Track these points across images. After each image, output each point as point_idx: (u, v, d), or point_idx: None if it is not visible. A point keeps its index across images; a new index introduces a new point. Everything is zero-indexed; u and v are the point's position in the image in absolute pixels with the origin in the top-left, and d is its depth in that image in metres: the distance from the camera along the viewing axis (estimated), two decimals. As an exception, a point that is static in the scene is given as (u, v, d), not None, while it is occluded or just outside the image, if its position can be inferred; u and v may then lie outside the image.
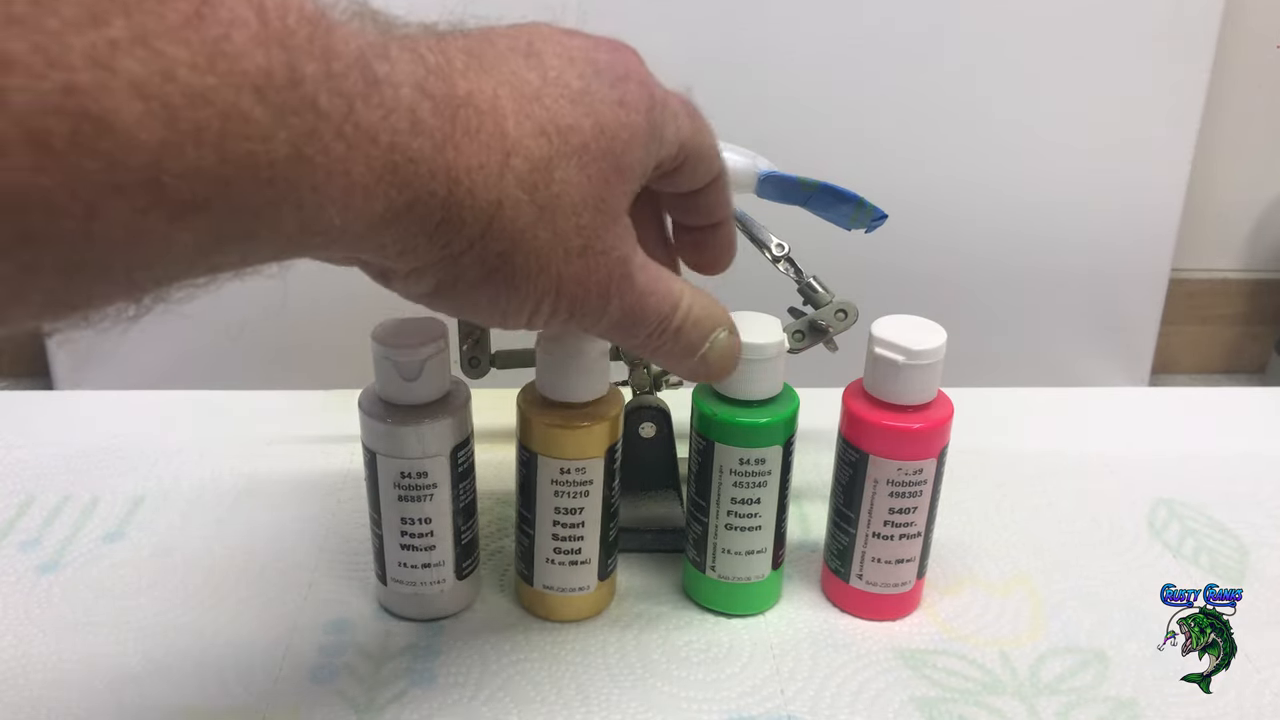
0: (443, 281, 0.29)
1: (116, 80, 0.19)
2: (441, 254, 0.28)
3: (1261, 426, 0.63)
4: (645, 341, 0.34)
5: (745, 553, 0.44)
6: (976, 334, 1.05)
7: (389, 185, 0.24)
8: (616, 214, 0.30)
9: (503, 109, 0.27)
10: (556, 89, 0.29)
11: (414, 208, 0.26)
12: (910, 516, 0.43)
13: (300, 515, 0.52)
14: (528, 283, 0.29)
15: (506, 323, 0.31)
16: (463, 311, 0.31)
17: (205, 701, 0.41)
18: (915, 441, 0.42)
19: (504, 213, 0.27)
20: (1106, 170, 1.02)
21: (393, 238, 0.26)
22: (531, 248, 0.28)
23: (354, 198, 0.24)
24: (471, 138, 0.26)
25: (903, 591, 0.45)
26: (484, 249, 0.28)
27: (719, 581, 0.45)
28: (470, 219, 0.27)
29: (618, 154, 0.29)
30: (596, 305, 0.31)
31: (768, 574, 0.45)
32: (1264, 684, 0.43)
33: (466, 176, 0.26)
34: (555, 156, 0.28)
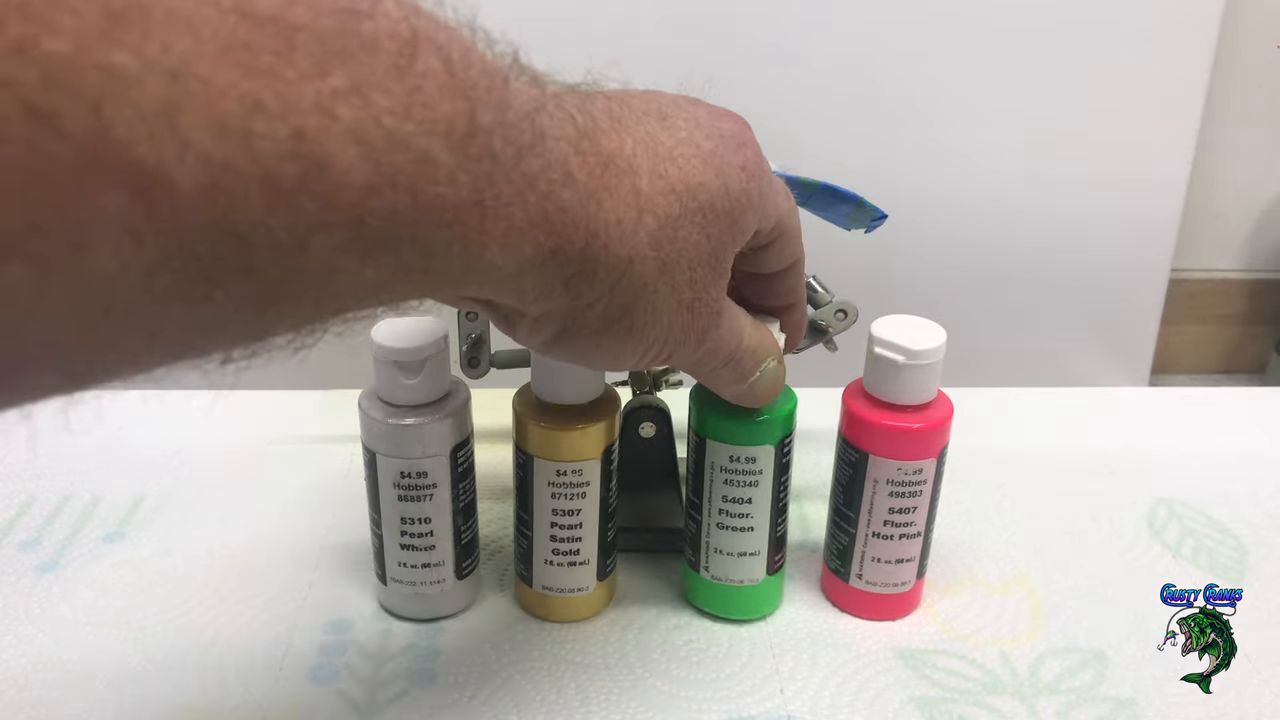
0: (566, 329, 0.30)
1: (336, 126, 0.20)
2: (572, 304, 0.29)
3: (1261, 426, 0.63)
4: (711, 371, 0.36)
5: (738, 554, 0.44)
6: (976, 334, 1.05)
7: (540, 232, 0.26)
8: (724, 271, 0.32)
9: (639, 167, 0.29)
10: (688, 149, 0.30)
11: (556, 255, 0.27)
12: (910, 516, 0.43)
13: (300, 515, 0.52)
14: (644, 333, 0.31)
15: (616, 366, 0.33)
16: (578, 357, 0.32)
17: (205, 701, 0.41)
18: (915, 441, 0.42)
19: (634, 268, 0.29)
20: (1106, 170, 1.02)
21: (533, 283, 0.27)
22: (651, 301, 0.30)
23: (511, 240, 0.25)
24: (611, 194, 0.28)
25: (903, 591, 0.45)
26: (610, 301, 0.29)
27: (713, 583, 0.45)
28: (604, 273, 0.28)
29: (735, 216, 0.31)
30: (692, 349, 0.33)
31: (762, 578, 0.45)
32: (1264, 684, 0.43)
33: (604, 231, 0.28)
34: (682, 214, 0.30)
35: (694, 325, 0.32)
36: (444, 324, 0.42)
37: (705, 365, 0.35)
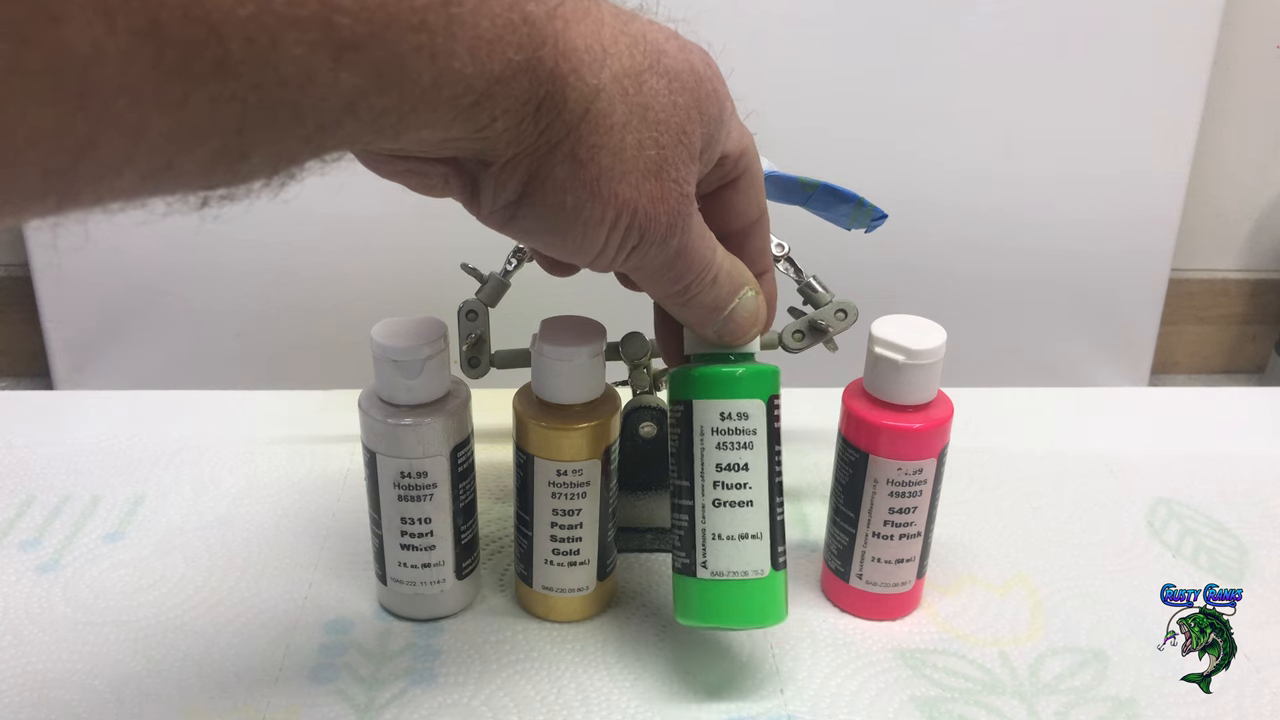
0: (533, 178, 0.29)
1: None
2: (539, 140, 0.28)
3: (1261, 426, 0.63)
4: (685, 288, 0.35)
5: (739, 537, 0.39)
6: (976, 334, 1.05)
7: (507, 44, 0.26)
8: (692, 152, 0.31)
9: (602, 16, 0.29)
10: (653, 27, 0.30)
11: (525, 71, 0.26)
12: (910, 516, 0.43)
13: (300, 515, 0.52)
14: (612, 188, 0.30)
15: (584, 241, 0.31)
16: (542, 226, 0.31)
17: (205, 701, 0.41)
18: (915, 441, 0.42)
19: (600, 104, 0.28)
20: (1106, 170, 1.02)
21: (504, 107, 0.27)
22: (619, 148, 0.29)
23: (479, 51, 0.25)
24: (579, 19, 0.28)
25: (903, 591, 0.45)
26: (578, 140, 0.28)
27: (713, 582, 0.39)
28: (572, 100, 0.28)
29: (701, 97, 0.31)
30: (663, 234, 0.32)
31: (768, 571, 0.39)
32: (1264, 684, 0.43)
33: (572, 55, 0.27)
34: (647, 70, 0.29)
35: (664, 199, 0.31)
36: (444, 324, 0.42)
37: (679, 275, 0.34)
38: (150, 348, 1.00)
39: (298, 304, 0.95)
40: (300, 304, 0.95)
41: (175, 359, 1.00)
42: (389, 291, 0.86)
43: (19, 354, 1.18)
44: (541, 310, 0.44)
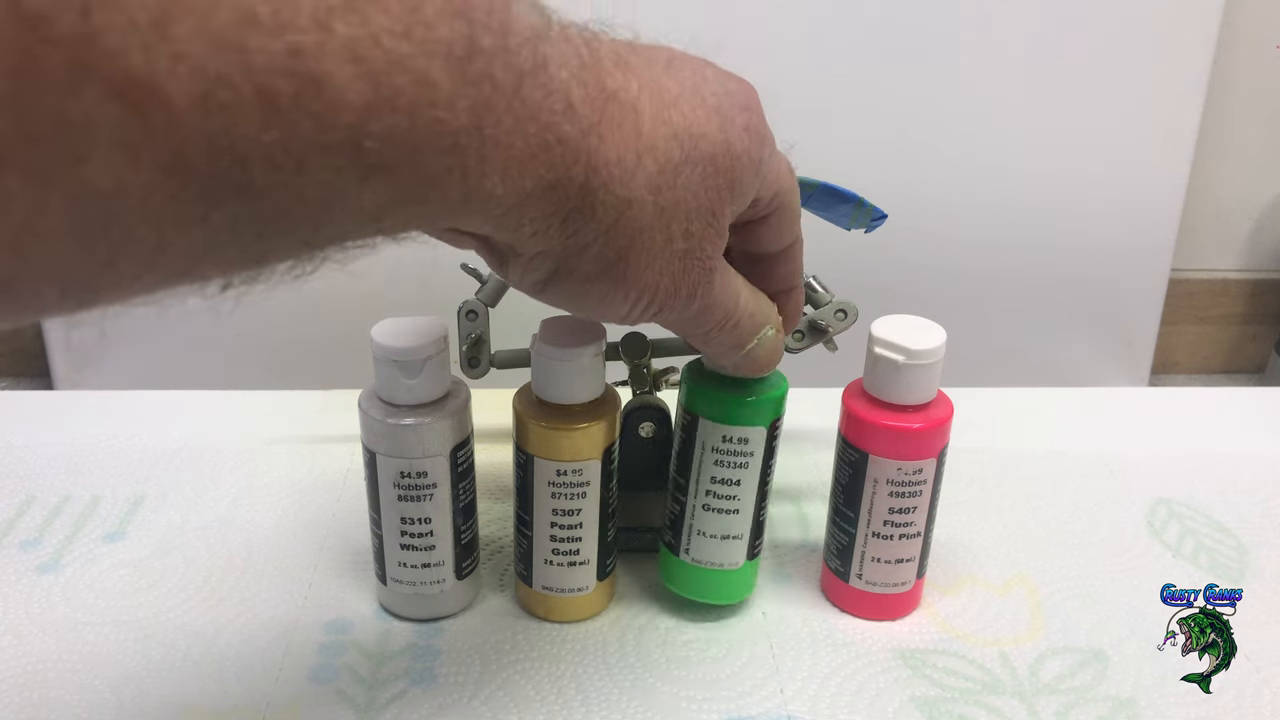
0: (559, 270, 0.30)
1: (333, 43, 0.20)
2: (567, 243, 0.28)
3: (1261, 426, 0.63)
4: (706, 334, 0.35)
5: (721, 537, 0.43)
6: (976, 334, 1.05)
7: (540, 163, 0.26)
8: (721, 229, 0.32)
9: (642, 109, 0.28)
10: (693, 100, 0.30)
11: (555, 189, 0.26)
12: (910, 516, 0.43)
13: (300, 515, 0.52)
14: (636, 280, 0.30)
15: (606, 315, 0.32)
16: (567, 302, 0.32)
17: (205, 701, 0.41)
18: (915, 441, 0.42)
19: (631, 210, 0.28)
20: (1106, 170, 1.02)
21: (531, 217, 0.27)
22: (645, 248, 0.30)
23: (511, 170, 0.25)
24: (613, 131, 0.27)
25: (902, 591, 0.45)
26: (606, 244, 0.29)
27: (692, 566, 0.44)
28: (602, 212, 0.28)
29: (736, 174, 0.31)
30: (683, 303, 0.32)
31: (742, 563, 0.44)
32: (1264, 684, 0.43)
33: (605, 169, 0.27)
34: (683, 162, 0.29)
35: (686, 278, 0.31)
36: (444, 324, 0.42)
37: (699, 325, 0.35)
38: (150, 348, 1.00)
39: (298, 304, 0.95)
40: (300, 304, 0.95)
41: (175, 359, 1.00)
42: (389, 291, 0.86)
43: (19, 354, 1.18)
44: (541, 310, 0.43)
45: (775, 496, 0.55)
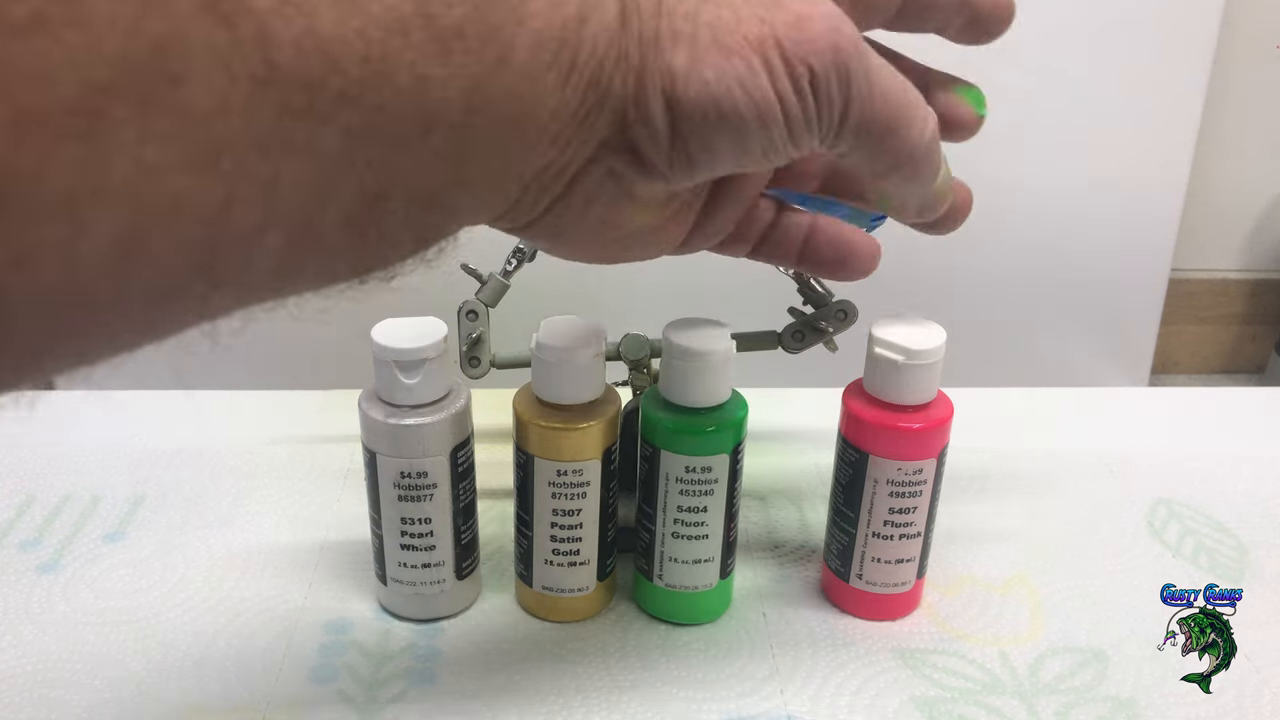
0: (667, 90, 0.25)
1: None
2: (641, 45, 0.25)
3: (1261, 426, 0.63)
4: (912, 149, 0.28)
5: (692, 561, 0.44)
6: (976, 334, 1.05)
7: None
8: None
9: None
10: None
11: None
12: (910, 517, 0.43)
13: (300, 515, 0.52)
14: (732, 38, 0.25)
15: (762, 113, 0.26)
16: (714, 131, 0.26)
17: (205, 701, 0.41)
18: (915, 442, 0.42)
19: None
20: (1106, 170, 1.02)
21: (590, 34, 0.24)
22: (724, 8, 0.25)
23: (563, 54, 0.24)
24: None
25: (903, 591, 0.45)
26: (670, 14, 0.25)
27: (666, 590, 0.45)
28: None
29: None
30: (832, 63, 0.25)
31: (715, 584, 0.44)
32: (1264, 684, 0.43)
33: None
34: None
35: (798, 16, 0.25)
36: (444, 324, 0.42)
37: (899, 131, 0.28)
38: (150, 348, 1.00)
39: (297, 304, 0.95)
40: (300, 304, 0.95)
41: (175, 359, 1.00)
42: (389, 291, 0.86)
43: (19, 354, 1.18)
44: (541, 310, 0.44)
45: (775, 496, 0.55)
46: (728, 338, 0.41)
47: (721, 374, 0.41)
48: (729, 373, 0.42)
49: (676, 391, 0.41)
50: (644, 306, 0.40)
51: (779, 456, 0.57)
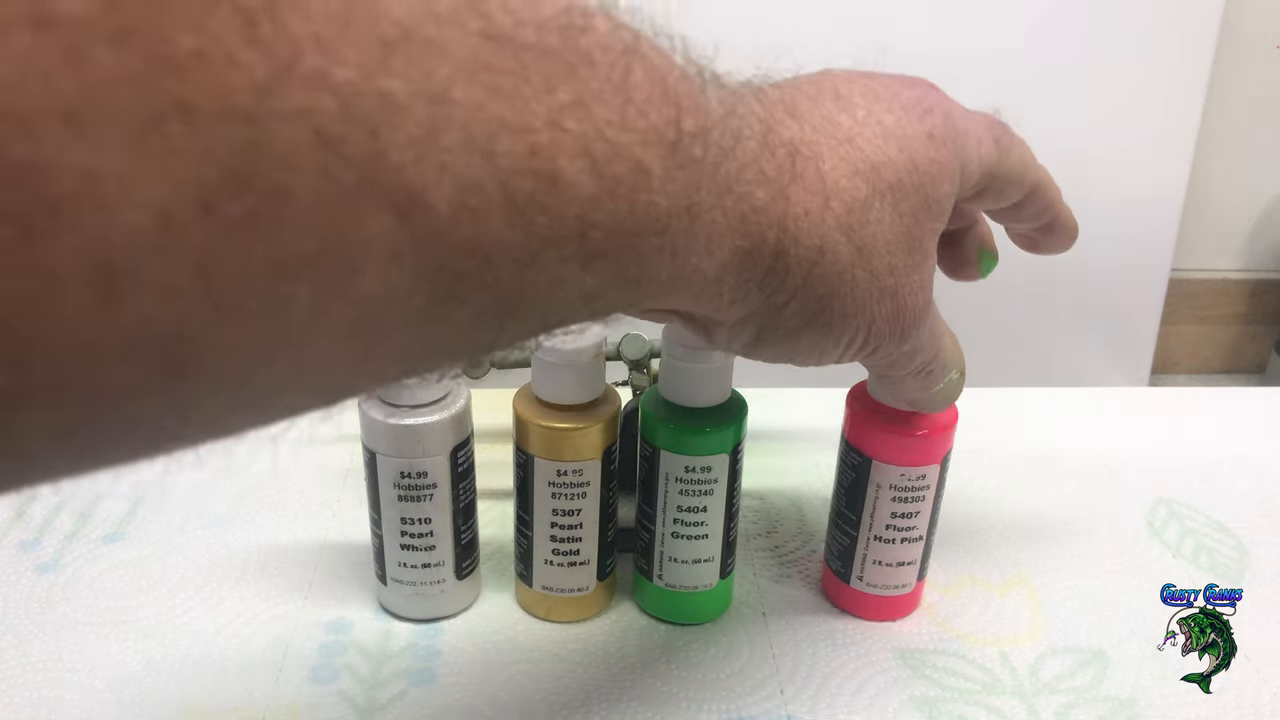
0: (764, 329, 0.30)
1: (565, 140, 0.20)
2: (766, 303, 0.28)
3: (1261, 426, 0.63)
4: (901, 375, 0.35)
5: (692, 561, 0.44)
6: (976, 334, 1.05)
7: (737, 234, 0.26)
8: (926, 253, 0.31)
9: (820, 153, 0.28)
10: (868, 128, 0.29)
11: (751, 255, 0.27)
12: (912, 521, 0.43)
13: (300, 515, 0.52)
14: (845, 324, 0.30)
15: (821, 361, 0.31)
16: (781, 356, 0.31)
17: (205, 701, 0.41)
18: (919, 448, 0.42)
19: (825, 258, 0.28)
20: (1106, 170, 1.02)
21: (729, 286, 0.27)
22: (849, 290, 0.29)
23: (713, 244, 0.25)
24: (798, 184, 0.27)
25: (903, 593, 0.45)
26: (806, 296, 0.28)
27: (666, 590, 0.45)
28: (795, 266, 0.28)
29: (927, 190, 0.30)
30: (896, 342, 0.32)
31: (715, 583, 0.45)
32: (1264, 684, 0.43)
33: (794, 224, 0.27)
34: (871, 196, 0.29)
35: (900, 318, 0.31)
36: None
37: (901, 367, 0.34)
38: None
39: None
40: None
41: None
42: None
43: (19, 354, 1.18)
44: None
45: (775, 496, 0.55)
46: None
47: (721, 374, 0.41)
48: (729, 373, 0.42)
49: (676, 391, 0.41)
50: (644, 306, 0.40)
51: (779, 456, 0.57)
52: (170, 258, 0.15)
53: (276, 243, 0.16)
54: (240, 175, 0.16)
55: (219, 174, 0.15)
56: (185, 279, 0.15)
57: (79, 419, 0.16)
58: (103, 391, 0.16)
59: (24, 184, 0.14)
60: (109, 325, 0.15)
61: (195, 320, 0.16)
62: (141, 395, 0.16)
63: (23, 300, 0.14)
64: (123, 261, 0.15)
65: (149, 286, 0.15)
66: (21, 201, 0.14)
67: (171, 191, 0.15)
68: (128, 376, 0.16)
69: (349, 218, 0.17)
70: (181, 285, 0.15)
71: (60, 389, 0.15)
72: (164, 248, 0.15)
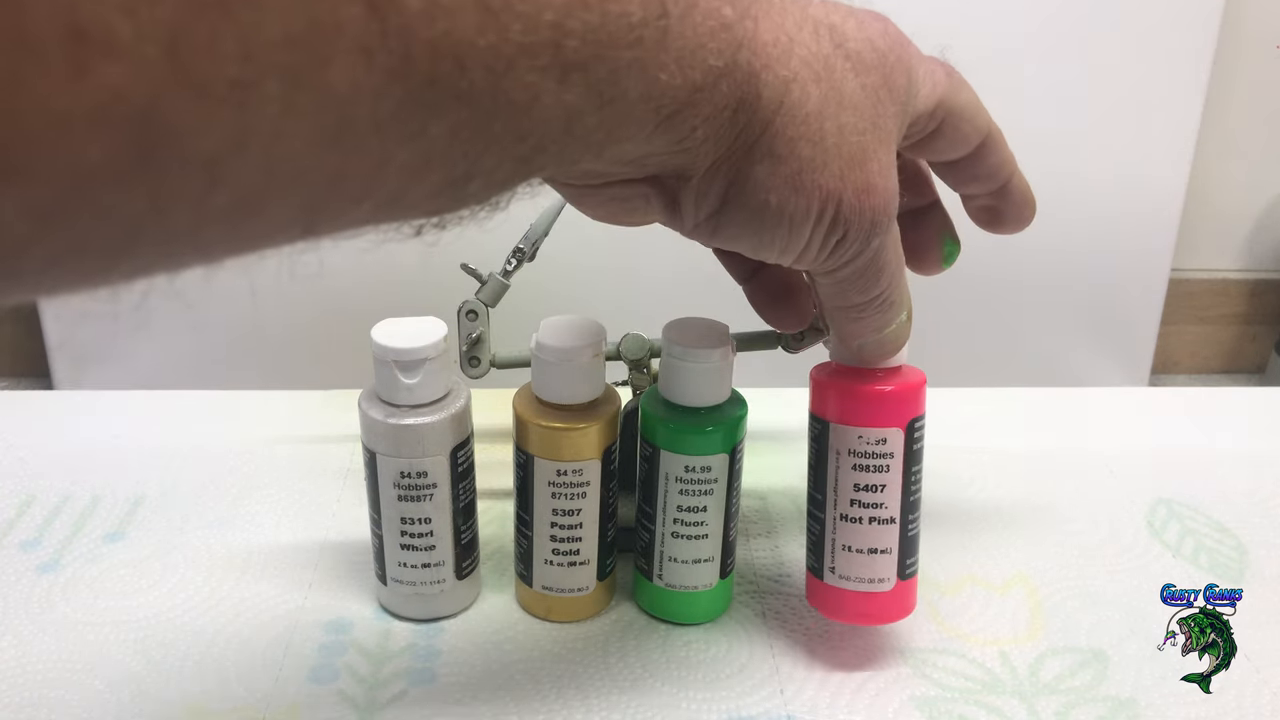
0: (733, 185, 0.29)
1: None
2: (736, 142, 0.28)
3: (1261, 426, 0.63)
4: (867, 302, 0.34)
5: (692, 561, 0.43)
6: (977, 334, 1.05)
7: (708, 51, 0.26)
8: (888, 135, 0.30)
9: (785, 7, 0.28)
10: (827, 7, 0.30)
11: (723, 77, 0.27)
12: (878, 496, 0.40)
13: (300, 515, 0.52)
14: (814, 179, 0.29)
15: (789, 239, 0.30)
16: (746, 227, 0.30)
17: (205, 701, 0.41)
18: (874, 405, 0.40)
19: (793, 93, 0.28)
20: (1106, 170, 1.02)
21: (703, 116, 0.27)
22: (818, 137, 0.28)
23: (684, 60, 0.25)
24: (765, 14, 0.28)
25: (881, 590, 0.42)
26: (775, 135, 0.28)
27: (666, 590, 0.44)
28: (766, 96, 0.28)
29: (886, 71, 0.30)
30: (867, 230, 0.30)
31: (715, 583, 0.44)
32: (1264, 684, 0.43)
33: (763, 50, 0.27)
34: (833, 54, 0.29)
35: (869, 191, 0.29)
36: (444, 324, 0.42)
37: (867, 282, 0.33)
38: (150, 348, 1.00)
39: (298, 304, 0.95)
40: (300, 304, 0.95)
41: (175, 359, 1.00)
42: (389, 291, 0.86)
43: (19, 354, 1.18)
44: (541, 310, 0.44)
45: (775, 496, 0.55)
46: (728, 338, 0.41)
47: (721, 374, 0.41)
48: (729, 373, 0.42)
49: (676, 391, 0.41)
50: (644, 306, 0.40)
51: (779, 456, 0.57)
52: (139, 25, 0.15)
53: (245, 23, 0.16)
54: None
55: None
56: (154, 52, 0.16)
57: (58, 199, 0.16)
58: (78, 167, 0.16)
59: None
60: (82, 96, 0.15)
61: (164, 96, 0.16)
62: (116, 175, 0.16)
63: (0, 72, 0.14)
64: (93, 24, 0.15)
65: (119, 56, 0.15)
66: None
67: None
68: (101, 151, 0.16)
69: (318, 4, 0.17)
70: (151, 57, 0.16)
71: (37, 164, 0.15)
72: (134, 13, 0.15)
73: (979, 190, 0.38)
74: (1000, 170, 0.37)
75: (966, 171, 0.36)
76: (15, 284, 0.18)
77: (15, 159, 0.15)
